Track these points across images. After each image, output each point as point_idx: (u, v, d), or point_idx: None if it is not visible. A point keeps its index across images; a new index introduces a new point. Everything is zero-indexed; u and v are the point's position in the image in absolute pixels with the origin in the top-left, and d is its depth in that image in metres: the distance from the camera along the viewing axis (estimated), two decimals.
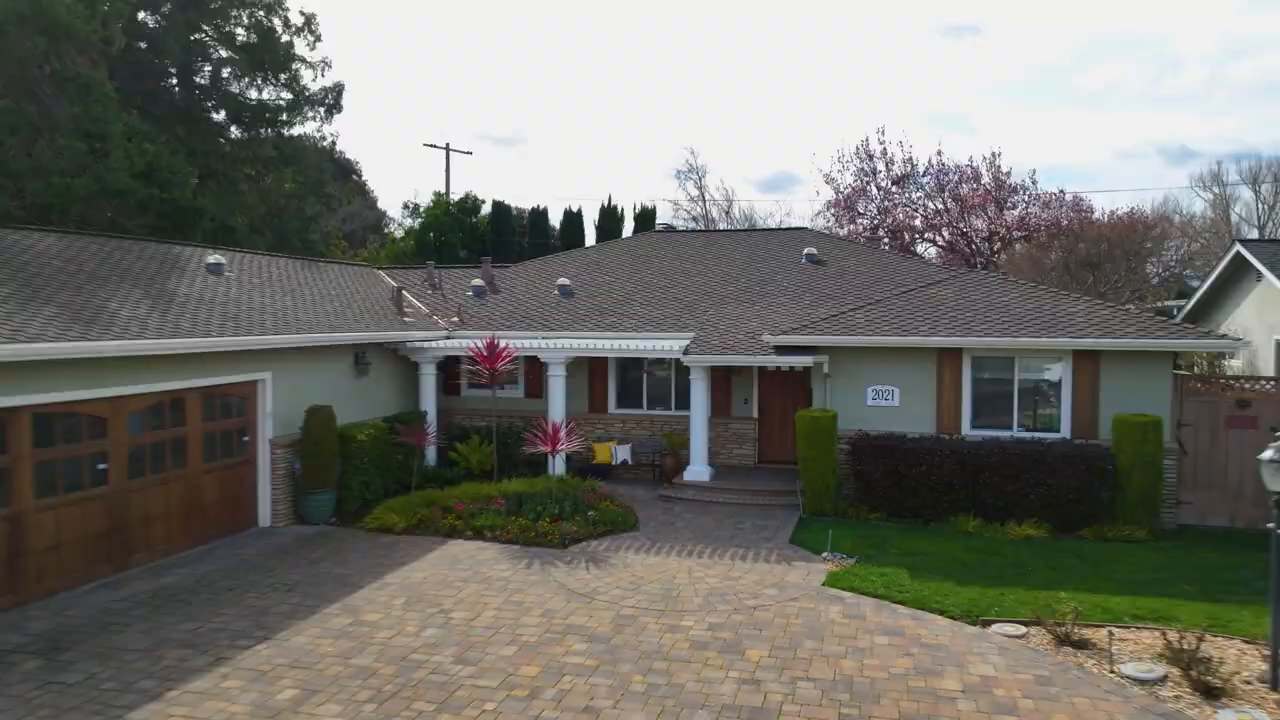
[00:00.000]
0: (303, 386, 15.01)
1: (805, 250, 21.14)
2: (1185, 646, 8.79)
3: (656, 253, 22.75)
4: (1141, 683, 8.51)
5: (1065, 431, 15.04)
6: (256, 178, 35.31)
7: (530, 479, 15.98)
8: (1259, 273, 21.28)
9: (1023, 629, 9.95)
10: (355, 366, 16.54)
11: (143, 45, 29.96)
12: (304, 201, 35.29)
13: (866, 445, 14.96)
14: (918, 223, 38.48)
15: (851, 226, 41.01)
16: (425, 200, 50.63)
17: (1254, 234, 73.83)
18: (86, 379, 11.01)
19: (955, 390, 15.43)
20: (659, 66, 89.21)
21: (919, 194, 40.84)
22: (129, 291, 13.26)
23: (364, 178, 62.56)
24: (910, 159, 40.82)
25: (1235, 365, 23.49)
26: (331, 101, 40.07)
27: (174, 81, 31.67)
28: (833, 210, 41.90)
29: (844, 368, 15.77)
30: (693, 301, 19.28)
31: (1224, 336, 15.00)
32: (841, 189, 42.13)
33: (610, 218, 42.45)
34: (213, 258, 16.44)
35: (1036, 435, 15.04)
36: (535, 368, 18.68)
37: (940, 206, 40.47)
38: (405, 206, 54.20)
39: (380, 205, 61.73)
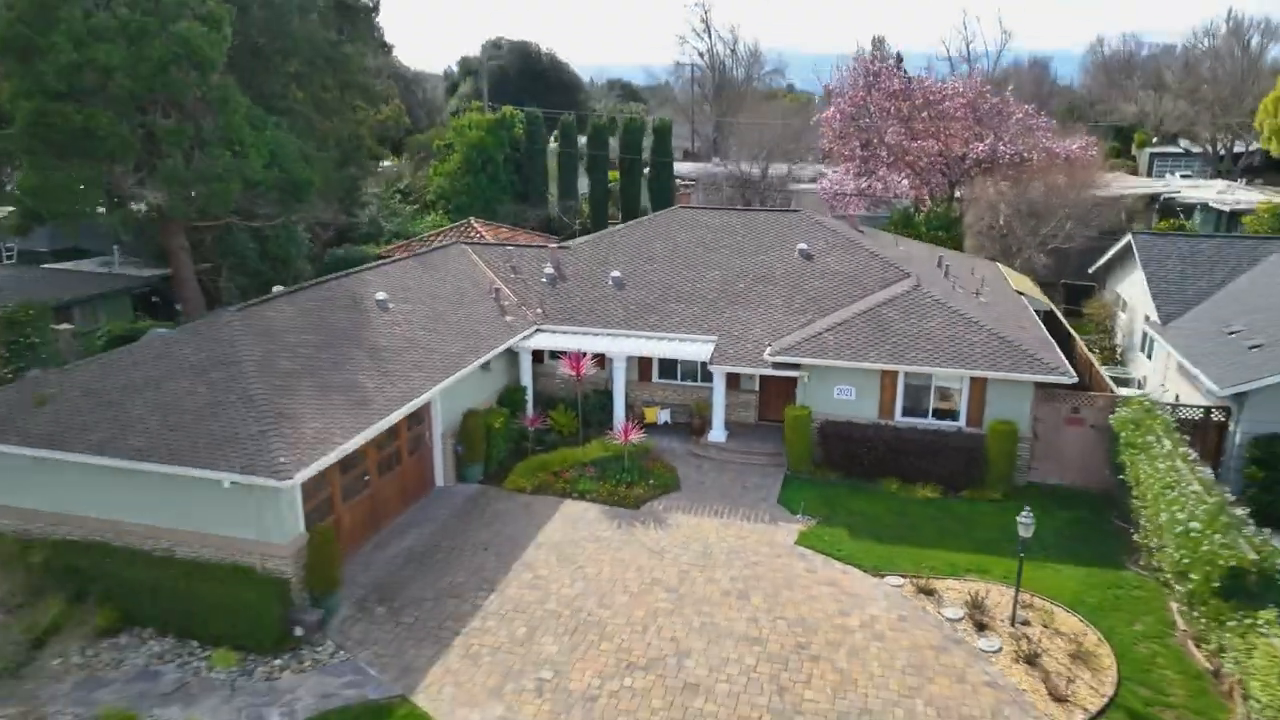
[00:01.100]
0: (454, 393, 22.45)
1: (798, 246, 27.81)
2: (978, 596, 16.96)
3: (683, 233, 29.24)
4: (951, 621, 16.75)
5: (962, 421, 22.69)
6: (318, 104, 40.58)
7: (604, 441, 23.75)
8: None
9: (902, 581, 18.12)
10: (481, 368, 23.88)
11: None
12: (349, 93, 40.57)
13: (830, 431, 22.72)
14: (905, 143, 43.81)
15: (851, 130, 46.34)
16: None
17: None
18: (360, 437, 18.50)
19: (892, 391, 22.94)
20: None
21: (906, 103, 45.97)
22: (351, 352, 20.47)
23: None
24: (904, 73, 45.73)
25: (1123, 319, 30.75)
26: (372, 4, 44.75)
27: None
28: (823, 122, 47.12)
29: (819, 372, 23.16)
30: (714, 300, 26.28)
31: (1065, 372, 22.01)
32: (844, 90, 47.08)
33: (631, 127, 47.74)
34: (379, 295, 23.38)
35: (943, 423, 22.71)
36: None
37: (927, 116, 45.78)
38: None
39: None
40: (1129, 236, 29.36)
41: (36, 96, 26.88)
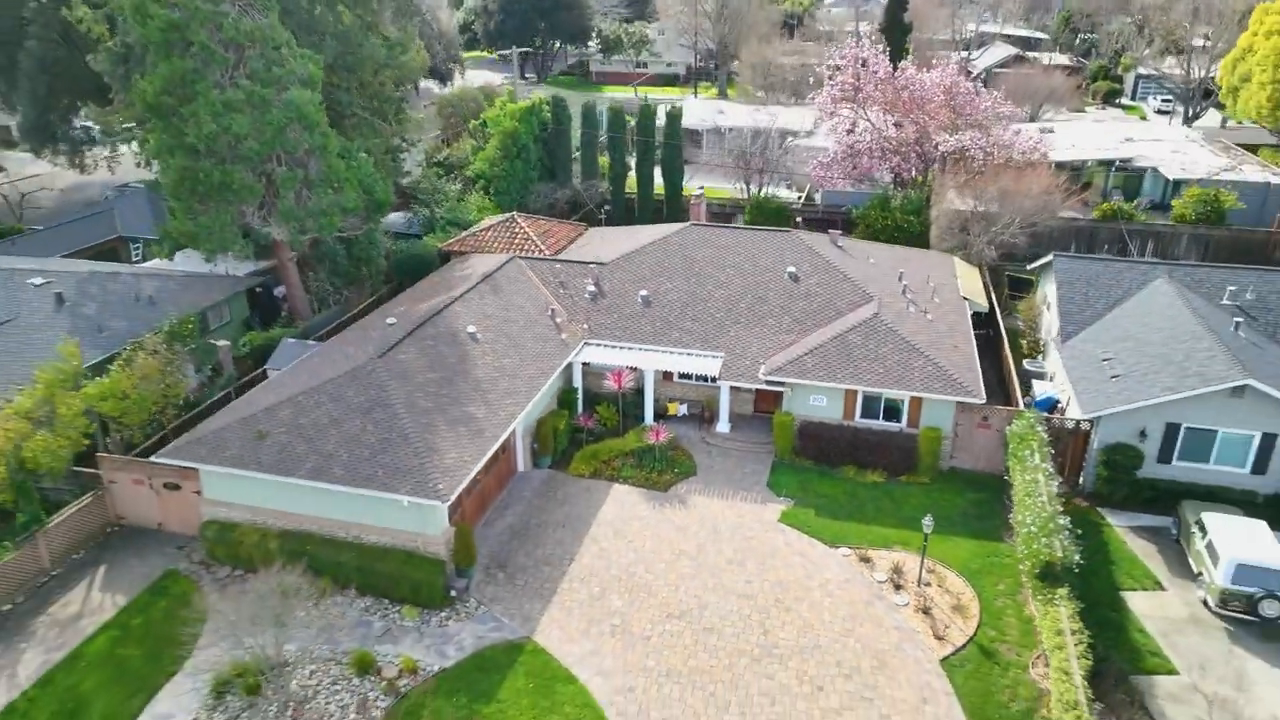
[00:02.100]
0: (529, 406, 30.47)
1: (788, 269, 35.25)
2: (898, 565, 25.50)
3: (696, 251, 36.58)
4: (878, 583, 25.35)
5: (904, 422, 30.84)
6: (378, 109, 46.76)
7: (639, 433, 31.92)
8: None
9: (850, 552, 26.65)
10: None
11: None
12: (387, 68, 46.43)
13: (807, 430, 30.95)
14: (891, 131, 50.15)
15: (847, 110, 52.53)
16: None
17: None
18: (481, 461, 26.55)
19: (853, 400, 30.99)
20: None
21: (890, 85, 52.01)
22: (463, 388, 28.37)
23: None
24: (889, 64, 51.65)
25: (1046, 317, 38.42)
26: None
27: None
28: (818, 105, 53.17)
29: (799, 386, 31.15)
30: (721, 319, 33.94)
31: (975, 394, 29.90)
32: (838, 71, 52.97)
33: (645, 113, 53.79)
34: (470, 328, 31.08)
35: (889, 424, 30.86)
36: None
37: (908, 97, 51.94)
38: None
39: None
40: (1051, 255, 36.68)
41: (178, 152, 33.68)
